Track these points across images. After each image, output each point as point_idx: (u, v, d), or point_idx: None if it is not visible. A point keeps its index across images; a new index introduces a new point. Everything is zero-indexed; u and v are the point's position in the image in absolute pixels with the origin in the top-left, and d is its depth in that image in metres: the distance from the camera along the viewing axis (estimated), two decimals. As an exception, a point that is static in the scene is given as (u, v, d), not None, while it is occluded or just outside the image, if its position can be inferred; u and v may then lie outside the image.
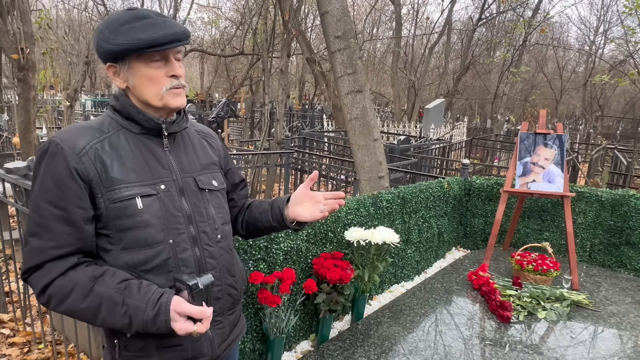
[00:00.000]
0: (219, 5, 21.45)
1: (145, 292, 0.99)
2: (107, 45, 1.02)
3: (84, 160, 1.00)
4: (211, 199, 1.17)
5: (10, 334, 2.69)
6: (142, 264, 1.04)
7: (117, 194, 1.01)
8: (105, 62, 1.06)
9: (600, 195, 3.76)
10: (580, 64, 21.86)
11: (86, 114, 12.68)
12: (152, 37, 1.00)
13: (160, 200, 1.06)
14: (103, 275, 1.00)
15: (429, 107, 11.48)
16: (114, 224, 1.02)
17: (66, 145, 1.00)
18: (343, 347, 2.35)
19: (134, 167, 1.05)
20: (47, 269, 0.99)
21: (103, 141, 1.05)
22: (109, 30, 1.02)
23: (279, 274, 2.09)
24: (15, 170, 2.25)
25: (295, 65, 20.78)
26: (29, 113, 3.69)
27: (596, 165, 7.59)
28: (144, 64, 1.04)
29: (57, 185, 0.99)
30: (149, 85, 1.05)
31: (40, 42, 4.28)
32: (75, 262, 1.01)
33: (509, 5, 11.72)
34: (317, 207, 1.24)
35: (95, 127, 1.07)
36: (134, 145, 1.07)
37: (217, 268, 1.15)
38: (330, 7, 3.57)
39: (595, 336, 2.63)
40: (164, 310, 0.97)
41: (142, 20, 1.02)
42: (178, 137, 1.17)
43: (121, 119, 1.09)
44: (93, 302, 0.98)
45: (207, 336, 1.14)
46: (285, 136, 6.35)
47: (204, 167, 1.19)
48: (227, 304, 1.20)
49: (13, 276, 2.93)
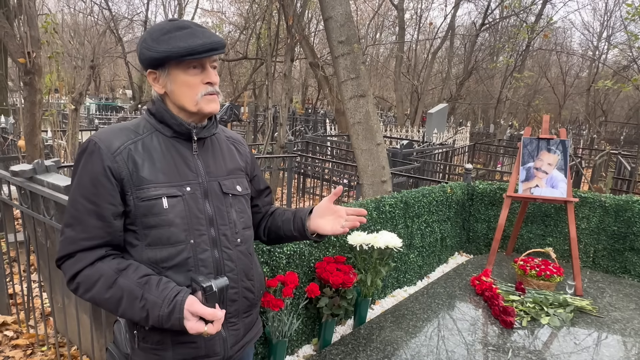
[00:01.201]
0: (223, 10, 21.58)
1: (163, 289, 1.04)
2: (149, 53, 1.09)
3: (118, 160, 1.07)
4: (234, 203, 1.21)
5: (13, 336, 2.70)
6: (163, 261, 1.09)
7: (145, 193, 1.08)
8: (147, 68, 1.13)
9: (604, 200, 3.75)
10: (583, 69, 21.85)
11: (90, 117, 12.76)
12: (191, 46, 1.06)
13: (185, 202, 1.11)
14: (127, 269, 1.06)
15: (431, 111, 11.50)
16: (141, 221, 1.08)
17: (103, 145, 1.07)
18: (345, 351, 2.35)
19: (163, 168, 1.11)
20: (77, 259, 1.07)
21: (137, 142, 1.11)
22: (151, 39, 1.09)
23: (282, 278, 2.09)
24: (21, 173, 2.26)
25: (299, 69, 20.87)
26: (34, 116, 3.72)
27: (600, 171, 7.57)
28: (182, 71, 1.10)
29: (92, 181, 1.06)
30: (185, 91, 1.11)
31: (46, 46, 4.32)
32: (103, 254, 1.07)
33: (512, 10, 11.76)
34: (338, 221, 1.28)
35: (131, 128, 1.14)
36: (165, 148, 1.13)
37: (235, 271, 1.18)
38: (333, 12, 3.59)
39: (599, 342, 2.62)
40: (179, 308, 1.01)
41: (182, 30, 1.08)
42: (207, 142, 1.21)
43: (155, 122, 1.15)
44: (116, 293, 1.04)
45: (221, 336, 1.16)
46: (288, 140, 6.37)
47: (230, 172, 1.23)
48: (243, 307, 1.22)
49: (17, 278, 2.94)
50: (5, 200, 2.53)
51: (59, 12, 11.60)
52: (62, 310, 2.39)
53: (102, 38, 7.72)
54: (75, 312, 2.16)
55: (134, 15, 18.43)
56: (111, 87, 26.97)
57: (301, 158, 6.52)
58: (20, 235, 3.41)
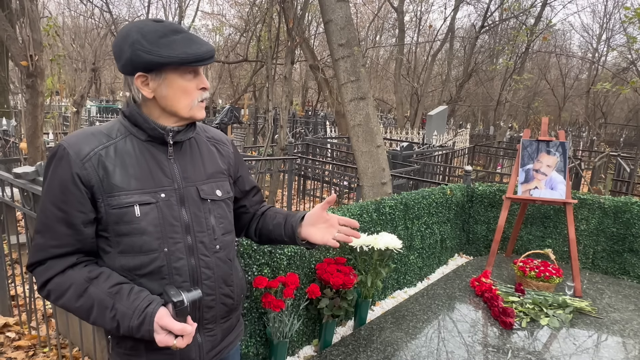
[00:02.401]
0: (223, 13, 21.65)
1: (134, 299, 1.02)
2: (149, 57, 1.02)
3: (87, 167, 1.03)
4: (213, 209, 1.17)
5: (15, 337, 2.72)
6: (136, 269, 1.07)
7: (116, 201, 1.04)
8: (136, 71, 1.06)
9: (603, 202, 3.77)
10: (583, 71, 21.89)
11: (91, 120, 12.79)
12: (198, 53, 1.04)
13: (158, 209, 1.07)
14: (98, 277, 1.04)
15: (431, 113, 11.52)
16: (113, 228, 1.05)
17: (72, 151, 1.03)
18: (346, 352, 2.36)
19: (137, 174, 1.07)
20: (48, 266, 1.05)
21: (109, 147, 1.07)
22: (147, 42, 1.03)
23: (283, 279, 2.11)
24: (23, 175, 2.28)
25: (299, 72, 20.91)
26: (36, 119, 3.75)
27: (599, 173, 7.59)
28: (180, 76, 1.07)
29: (61, 189, 1.03)
30: (181, 96, 1.08)
31: (48, 49, 4.35)
32: (74, 262, 1.06)
33: (511, 13, 11.80)
34: (329, 231, 1.25)
35: (103, 132, 1.09)
36: (139, 152, 1.09)
37: (212, 278, 1.15)
38: (334, 15, 3.62)
39: (598, 343, 2.63)
40: (149, 320, 1.00)
41: (179, 34, 1.05)
42: (186, 145, 1.17)
43: (129, 125, 1.11)
44: (86, 302, 1.03)
45: (197, 342, 1.15)
46: (288, 142, 6.39)
47: (210, 176, 1.19)
48: (221, 313, 1.20)
49: (19, 280, 2.96)
50: (7, 202, 2.55)
51: (59, 15, 11.65)
52: (64, 312, 2.40)
53: (103, 41, 7.75)
54: (78, 313, 2.17)
55: (135, 17, 18.49)
56: (111, 90, 27.01)
57: (301, 160, 6.54)
58: (23, 237, 3.43)
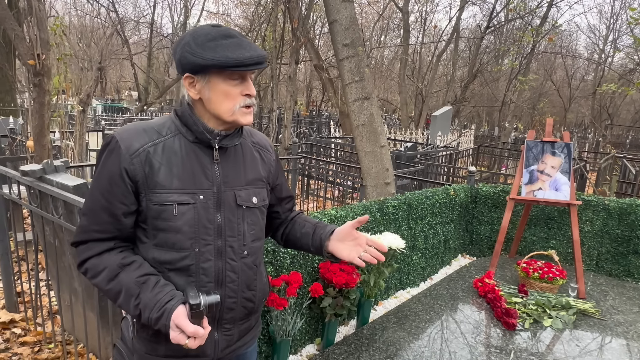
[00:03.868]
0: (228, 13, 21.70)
1: (158, 292, 1.06)
2: (193, 58, 1.06)
3: (135, 162, 1.08)
4: (247, 215, 1.20)
5: (21, 333, 2.74)
6: (166, 263, 1.12)
7: (157, 197, 1.09)
8: (184, 72, 1.10)
9: (608, 204, 3.75)
10: (589, 72, 21.76)
11: (97, 119, 12.86)
12: (240, 58, 1.05)
13: (195, 210, 1.11)
14: (130, 264, 1.10)
15: (436, 114, 11.50)
16: (151, 222, 1.11)
17: (123, 145, 1.08)
18: (348, 351, 2.37)
19: (180, 174, 1.11)
20: (88, 247, 1.12)
21: (157, 144, 1.11)
22: (196, 44, 1.06)
23: (286, 278, 2.12)
24: (30, 173, 2.30)
25: (304, 72, 20.92)
26: (43, 117, 3.78)
27: (604, 174, 7.55)
28: (223, 80, 1.09)
29: (109, 180, 1.09)
30: (223, 100, 1.10)
31: (55, 49, 4.39)
32: (112, 247, 1.12)
33: (517, 13, 11.75)
34: (357, 249, 1.25)
35: (155, 129, 1.13)
36: (185, 153, 1.12)
37: (236, 282, 1.18)
38: (338, 15, 3.63)
39: (602, 345, 2.63)
40: (166, 315, 1.04)
41: (229, 38, 1.07)
42: (231, 150, 1.20)
43: (180, 124, 1.14)
44: (115, 286, 1.08)
45: (213, 338, 1.18)
46: (292, 142, 6.41)
47: (249, 183, 1.21)
48: (240, 315, 1.23)
49: (25, 277, 2.99)
50: (14, 199, 2.57)
51: (66, 14, 11.73)
52: (69, 309, 2.43)
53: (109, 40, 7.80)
54: (82, 311, 2.19)
55: (140, 17, 18.57)
56: (117, 89, 27.16)
57: (305, 160, 6.55)
58: (29, 234, 3.46)
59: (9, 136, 5.74)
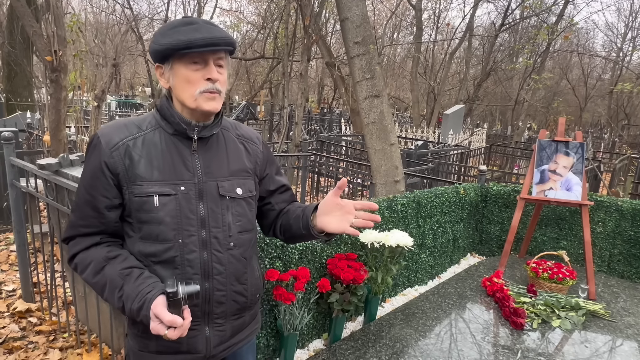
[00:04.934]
0: (241, 10, 21.79)
1: (140, 284, 1.07)
2: (154, 46, 1.11)
3: (114, 155, 1.10)
4: (231, 206, 1.18)
5: (37, 322, 2.82)
6: (151, 256, 1.13)
7: (138, 189, 1.10)
8: (155, 62, 1.15)
9: (621, 205, 3.70)
10: (606, 71, 21.35)
11: (111, 114, 13.06)
12: (190, 39, 1.06)
13: (177, 201, 1.11)
14: (116, 258, 1.12)
15: (447, 112, 11.42)
16: (135, 215, 1.12)
17: (103, 140, 1.11)
18: (355, 347, 2.39)
19: (160, 165, 1.12)
20: (76, 242, 1.16)
21: (137, 138, 1.13)
22: (159, 34, 1.11)
23: (294, 272, 2.15)
24: (47, 166, 2.36)
25: (315, 69, 20.92)
26: (59, 112, 3.86)
27: (619, 175, 7.42)
28: (184, 66, 1.10)
29: (91, 175, 1.12)
30: (185, 86, 1.11)
31: (71, 45, 4.47)
32: (98, 241, 1.15)
33: (532, 11, 11.58)
34: (346, 218, 1.16)
35: (135, 123, 1.16)
36: (165, 145, 1.14)
37: (224, 274, 1.17)
38: (350, 13, 3.63)
39: (611, 347, 2.61)
40: (147, 306, 1.04)
41: (189, 25, 1.09)
42: (212, 140, 1.20)
43: (160, 118, 1.17)
44: (101, 279, 1.11)
45: (204, 335, 1.18)
46: (303, 139, 6.43)
47: (232, 174, 1.21)
48: (232, 309, 1.21)
49: (41, 268, 3.06)
50: (31, 192, 2.64)
51: (82, 11, 11.91)
52: (83, 299, 2.49)
53: (123, 37, 7.91)
54: (96, 302, 2.25)
55: (155, 14, 18.75)
56: (131, 85, 27.47)
57: (316, 157, 6.57)
58: (45, 226, 3.55)
59: (26, 130, 5.87)
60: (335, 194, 1.18)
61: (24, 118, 7.02)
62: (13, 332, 2.69)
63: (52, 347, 2.57)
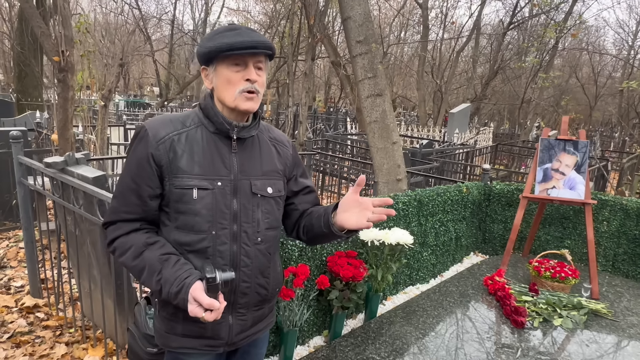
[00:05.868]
0: (248, 9, 21.85)
1: (178, 269, 1.15)
2: (200, 50, 1.20)
3: (160, 148, 1.18)
4: (261, 204, 1.26)
5: (44, 317, 2.88)
6: (186, 245, 1.20)
7: (179, 181, 1.18)
8: (201, 65, 1.23)
9: (625, 203, 3.68)
10: (617, 69, 21.07)
11: (119, 114, 13.18)
12: (232, 42, 1.15)
13: (213, 195, 1.19)
14: (154, 244, 1.19)
15: (453, 111, 11.37)
16: (173, 205, 1.19)
17: (151, 133, 1.19)
18: (355, 343, 2.42)
19: (200, 161, 1.20)
20: (117, 226, 1.22)
21: (181, 134, 1.21)
22: (206, 39, 1.21)
23: (294, 269, 2.18)
24: (54, 164, 2.41)
25: (322, 68, 20.93)
26: (67, 112, 3.93)
27: (627, 174, 7.34)
28: (226, 67, 1.19)
29: (137, 164, 1.19)
30: (226, 86, 1.19)
31: (79, 45, 4.54)
32: (138, 227, 1.22)
33: (541, 8, 11.48)
34: (364, 214, 1.19)
35: (180, 120, 1.24)
36: (206, 142, 1.22)
37: (250, 267, 1.25)
38: (352, 12, 3.65)
39: (612, 346, 2.60)
40: (185, 290, 1.11)
41: (232, 31, 1.18)
42: (248, 142, 1.27)
43: (202, 116, 1.24)
44: (140, 263, 1.18)
45: (227, 322, 1.25)
46: (307, 138, 6.46)
47: (264, 174, 1.28)
48: (254, 301, 1.29)
49: (48, 264, 3.13)
50: (39, 190, 2.70)
51: (91, 11, 12.05)
52: (89, 296, 2.54)
53: (131, 37, 7.98)
54: (101, 298, 2.29)
55: (162, 14, 18.91)
56: (139, 85, 27.71)
57: (320, 156, 6.59)
58: (52, 224, 3.61)
59: (35, 130, 5.97)
60: (355, 191, 1.22)
61: (33, 117, 7.14)
62: (21, 326, 2.75)
63: (58, 342, 2.63)
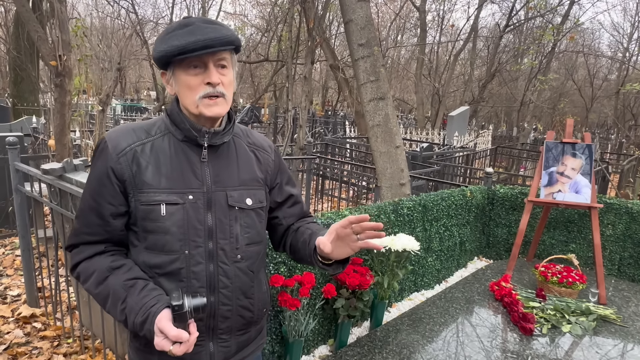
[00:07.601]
0: (245, 13, 21.87)
1: (144, 296, 1.02)
2: (153, 54, 1.07)
3: (121, 161, 1.06)
4: (240, 217, 1.13)
5: (41, 327, 2.81)
6: (157, 267, 1.08)
7: (145, 197, 1.05)
8: (160, 69, 1.10)
9: (631, 207, 3.64)
10: (612, 71, 21.19)
11: (116, 118, 13.11)
12: (182, 44, 0.99)
13: (184, 211, 1.06)
14: (120, 268, 1.07)
15: (452, 114, 11.37)
16: (140, 223, 1.07)
17: (110, 145, 1.07)
18: (361, 353, 2.36)
19: (168, 173, 1.07)
20: (80, 250, 1.11)
21: (145, 144, 1.08)
22: (158, 40, 1.06)
23: (299, 278, 2.12)
24: (51, 171, 2.36)
25: (319, 71, 20.94)
26: (64, 117, 3.86)
27: (627, 176, 7.34)
28: (184, 71, 1.05)
29: (97, 180, 1.08)
30: (187, 92, 1.06)
31: (76, 50, 4.48)
32: (102, 250, 1.09)
33: (537, 11, 11.52)
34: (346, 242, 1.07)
35: (144, 128, 1.11)
36: (174, 152, 1.09)
37: (230, 288, 1.12)
38: (354, 15, 3.61)
39: (623, 352, 2.55)
40: (151, 319, 0.99)
41: (185, 27, 1.02)
42: (223, 148, 1.15)
43: (170, 123, 1.11)
44: (104, 290, 1.06)
45: (208, 350, 1.14)
46: (307, 142, 6.41)
47: (242, 183, 1.15)
48: (237, 325, 1.17)
49: (45, 272, 3.06)
50: (36, 197, 2.64)
51: (87, 16, 11.99)
52: (87, 305, 2.48)
53: (128, 41, 7.93)
54: (100, 307, 2.23)
55: (159, 18, 18.85)
56: (136, 89, 27.63)
57: (320, 160, 6.55)
58: (49, 231, 3.55)
59: (32, 135, 5.90)
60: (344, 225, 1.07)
61: (29, 122, 7.06)
62: (17, 337, 2.68)
63: (56, 353, 2.56)
